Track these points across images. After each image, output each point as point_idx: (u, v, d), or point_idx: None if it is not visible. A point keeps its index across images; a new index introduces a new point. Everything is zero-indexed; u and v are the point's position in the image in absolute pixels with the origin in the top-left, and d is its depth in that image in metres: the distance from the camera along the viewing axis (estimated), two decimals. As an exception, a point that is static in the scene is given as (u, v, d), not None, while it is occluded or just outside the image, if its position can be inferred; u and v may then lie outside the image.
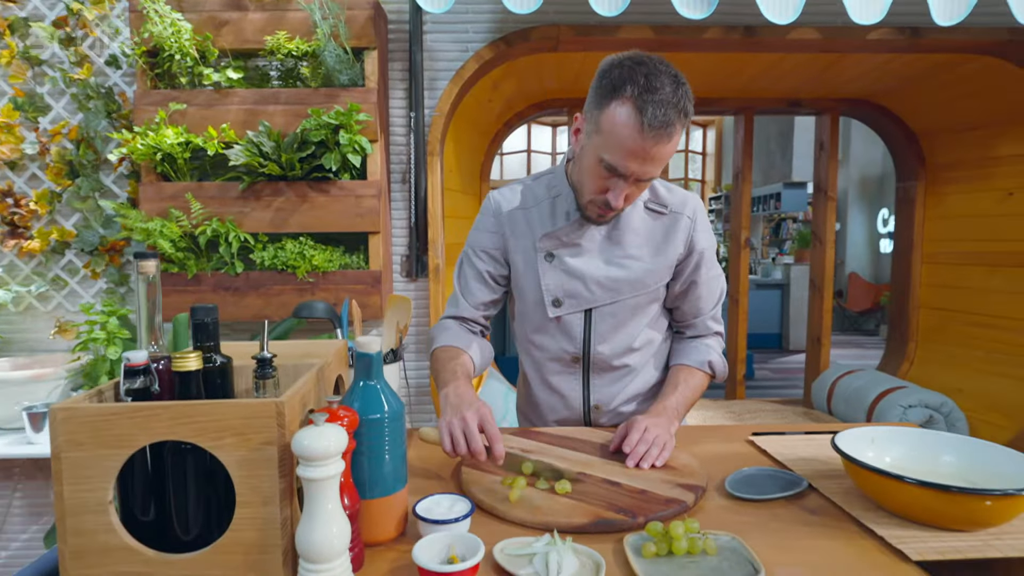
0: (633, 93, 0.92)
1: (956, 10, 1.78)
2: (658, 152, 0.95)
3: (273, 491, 0.63)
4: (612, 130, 0.95)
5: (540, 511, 0.81)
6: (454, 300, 1.21)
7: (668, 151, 0.96)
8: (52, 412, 0.61)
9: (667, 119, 0.92)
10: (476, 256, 1.20)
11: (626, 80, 0.93)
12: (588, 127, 1.02)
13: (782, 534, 0.78)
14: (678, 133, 0.95)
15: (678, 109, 0.93)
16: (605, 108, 0.96)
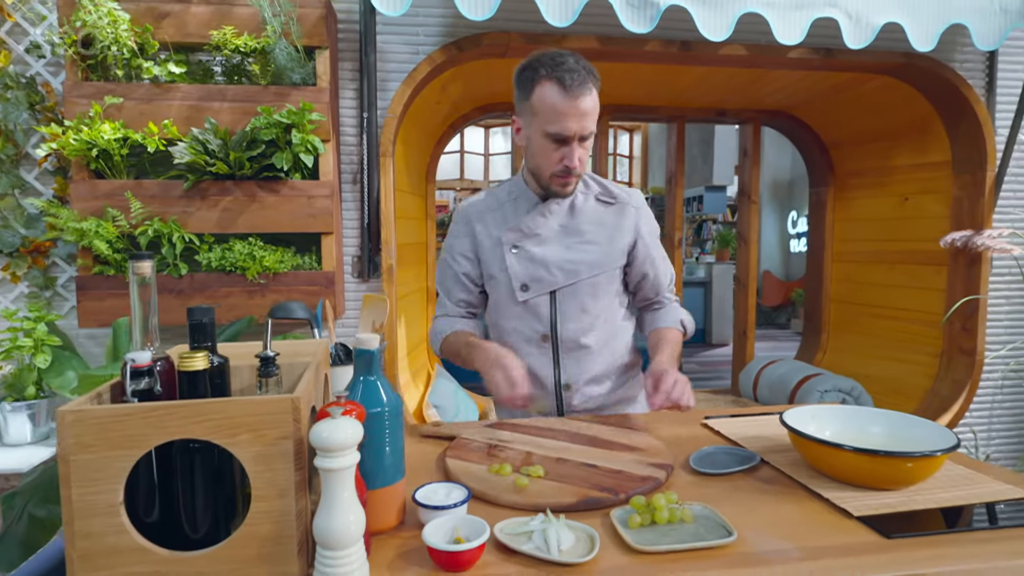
0: (547, 72, 1.15)
1: (863, 35, 1.99)
2: (585, 107, 1.14)
3: (289, 484, 0.65)
4: (544, 105, 1.15)
5: (529, 494, 0.86)
6: (440, 302, 1.37)
7: (592, 105, 1.16)
8: (61, 415, 0.60)
9: (581, 78, 1.14)
10: (454, 260, 1.33)
11: (537, 66, 1.17)
12: (525, 119, 1.22)
13: (744, 502, 0.87)
14: (594, 89, 1.16)
15: (586, 70, 1.16)
16: (532, 94, 1.17)
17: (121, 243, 1.84)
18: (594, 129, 1.18)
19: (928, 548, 0.74)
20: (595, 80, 1.16)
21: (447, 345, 1.32)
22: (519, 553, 0.73)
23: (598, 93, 1.19)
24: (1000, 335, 2.53)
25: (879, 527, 0.79)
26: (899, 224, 2.81)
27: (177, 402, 0.63)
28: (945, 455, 0.86)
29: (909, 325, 2.77)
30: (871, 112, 2.78)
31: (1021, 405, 2.59)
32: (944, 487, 0.90)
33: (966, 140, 2.45)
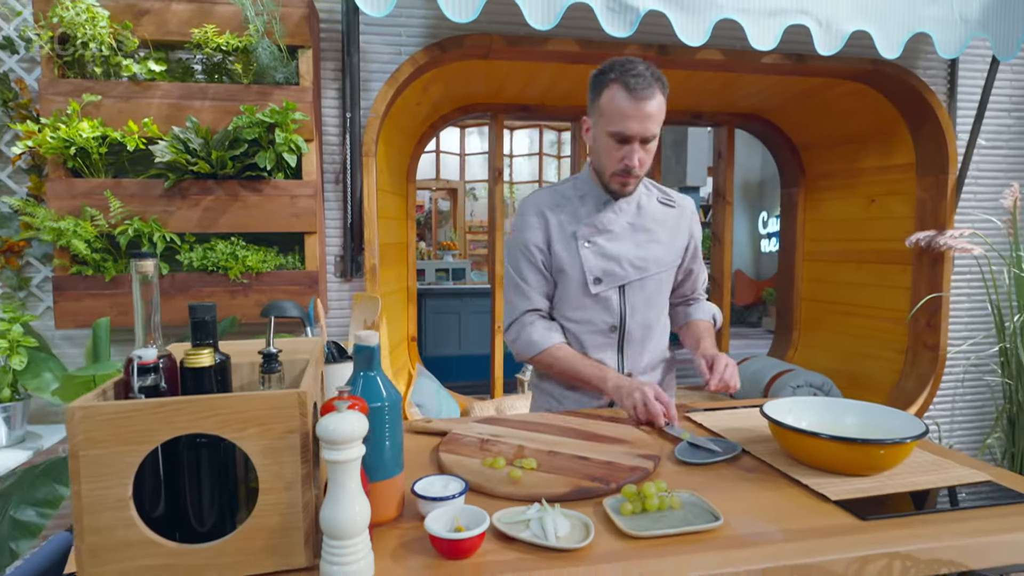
0: (616, 75, 1.22)
1: (834, 42, 2.06)
2: (649, 110, 1.21)
3: (295, 476, 0.67)
4: (610, 106, 1.22)
5: (524, 485, 0.89)
6: (522, 295, 1.40)
7: (656, 109, 1.22)
8: (70, 411, 0.61)
9: (647, 83, 1.20)
10: (530, 252, 1.38)
11: (608, 70, 1.24)
12: (592, 119, 1.30)
13: (728, 490, 0.92)
14: (660, 94, 1.23)
15: (654, 76, 1.23)
16: (600, 96, 1.25)
17: (99, 243, 1.81)
18: (656, 132, 1.25)
19: (900, 528, 0.79)
20: (663, 86, 1.24)
21: (555, 358, 1.35)
22: (517, 540, 0.76)
23: (665, 99, 1.25)
24: (961, 331, 2.65)
25: (855, 510, 0.83)
26: (866, 224, 2.91)
27: (187, 397, 0.64)
28: (914, 442, 0.91)
29: (876, 322, 2.87)
30: (840, 116, 2.88)
31: (980, 397, 2.71)
32: (914, 472, 0.96)
33: (929, 144, 2.56)
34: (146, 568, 0.64)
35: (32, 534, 1.28)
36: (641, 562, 0.71)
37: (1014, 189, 2.38)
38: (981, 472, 0.96)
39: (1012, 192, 2.39)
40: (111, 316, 1.83)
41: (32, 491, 1.37)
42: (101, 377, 1.41)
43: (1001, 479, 0.94)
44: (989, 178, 2.63)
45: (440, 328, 5.30)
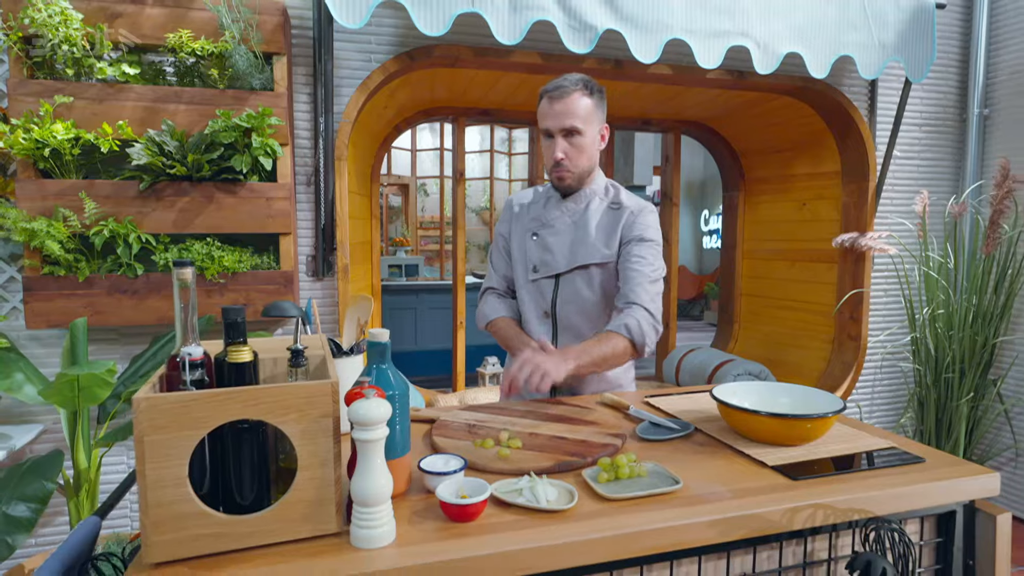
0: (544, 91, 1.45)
1: (770, 63, 2.28)
2: (562, 107, 1.40)
3: (329, 455, 0.78)
4: (539, 113, 1.46)
5: (512, 461, 1.02)
6: (488, 275, 1.67)
7: (573, 105, 1.40)
8: (136, 401, 0.70)
9: (564, 87, 1.41)
10: (498, 240, 1.66)
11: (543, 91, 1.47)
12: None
13: (684, 460, 1.08)
14: (579, 94, 1.40)
15: (571, 81, 1.41)
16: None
17: (72, 243, 1.82)
18: (575, 125, 1.41)
19: (823, 486, 0.97)
20: (578, 86, 1.41)
21: (496, 328, 1.59)
22: (514, 505, 0.89)
23: (593, 100, 1.43)
24: (879, 322, 2.95)
25: (788, 473, 1.01)
26: (798, 226, 3.19)
27: (237, 388, 0.74)
28: (834, 416, 1.10)
29: (807, 315, 3.15)
30: (775, 126, 3.14)
31: (895, 382, 3.03)
32: (835, 441, 1.15)
33: (852, 154, 2.84)
34: (201, 536, 0.74)
35: (25, 529, 1.32)
36: (616, 518, 0.86)
37: (924, 196, 2.68)
38: (886, 440, 1.16)
39: (922, 199, 2.69)
40: (85, 316, 1.85)
41: (21, 488, 1.40)
42: (87, 377, 1.45)
43: (902, 445, 1.15)
44: (903, 185, 2.94)
45: (397, 324, 5.36)
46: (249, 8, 1.86)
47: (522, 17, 2.01)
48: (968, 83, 2.94)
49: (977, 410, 2.71)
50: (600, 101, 1.47)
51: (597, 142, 1.49)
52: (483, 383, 3.56)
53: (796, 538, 0.95)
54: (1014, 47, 2.81)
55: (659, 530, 0.84)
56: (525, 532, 0.83)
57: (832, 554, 0.98)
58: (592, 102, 1.43)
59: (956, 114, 2.99)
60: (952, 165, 3.02)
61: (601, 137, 1.50)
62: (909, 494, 0.98)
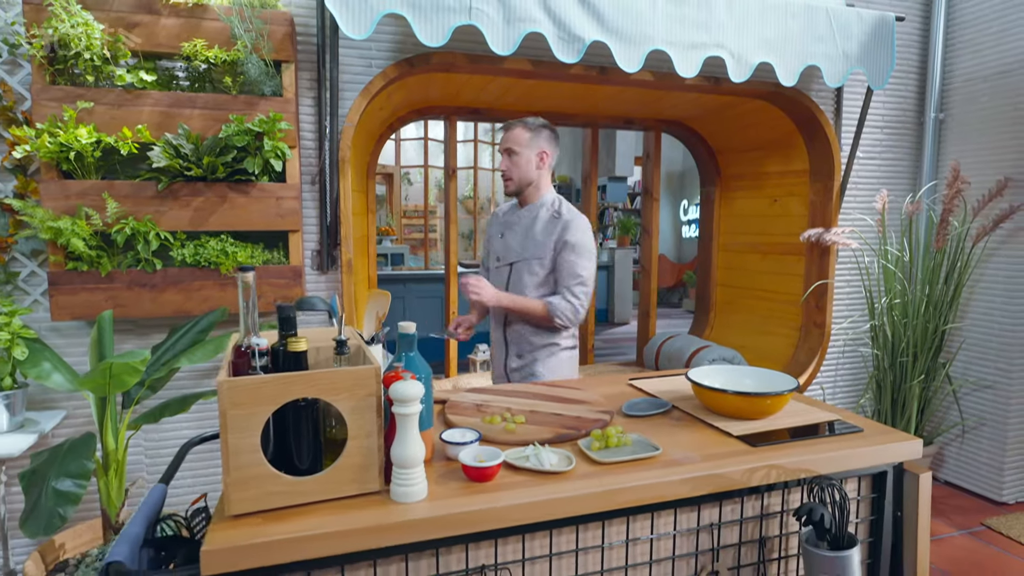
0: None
1: (744, 71, 2.46)
2: (505, 136, 1.94)
3: (373, 427, 0.95)
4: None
5: (518, 434, 1.20)
6: (481, 263, 2.17)
7: (511, 136, 1.93)
8: (220, 384, 0.86)
9: (509, 126, 1.96)
10: (487, 235, 2.15)
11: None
12: None
13: (664, 433, 1.26)
14: (515, 128, 1.93)
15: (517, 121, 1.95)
16: None
17: (94, 240, 1.94)
18: (512, 147, 1.92)
19: (777, 451, 1.17)
20: (521, 125, 1.93)
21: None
22: (522, 469, 1.07)
23: (528, 131, 1.92)
24: (842, 311, 3.19)
25: (749, 442, 1.20)
26: (770, 220, 3.40)
27: (299, 372, 0.90)
28: (790, 394, 1.29)
29: (776, 305, 3.38)
30: (749, 127, 3.33)
31: (856, 366, 3.28)
32: (790, 416, 1.35)
33: (819, 154, 3.05)
34: (272, 493, 0.90)
35: (73, 502, 1.46)
36: (606, 478, 1.04)
37: (883, 195, 2.91)
38: (832, 413, 1.37)
39: (882, 197, 2.91)
40: (107, 309, 1.97)
41: (65, 466, 1.54)
42: (120, 365, 1.59)
43: (846, 418, 1.35)
44: (865, 184, 3.16)
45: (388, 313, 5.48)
46: (260, 19, 1.98)
47: (515, 29, 2.15)
48: (925, 89, 3.16)
49: (928, 391, 2.96)
50: (537, 135, 1.93)
51: (533, 163, 1.93)
52: (474, 369, 3.73)
53: (755, 494, 1.15)
54: (967, 57, 3.04)
55: (642, 487, 1.03)
56: (533, 489, 1.00)
57: (784, 507, 1.18)
58: (529, 134, 1.92)
59: (914, 118, 3.22)
60: (910, 165, 3.25)
61: (540, 160, 1.94)
62: (847, 457, 1.18)
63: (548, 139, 1.96)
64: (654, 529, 1.08)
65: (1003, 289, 2.91)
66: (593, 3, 2.24)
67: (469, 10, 2.10)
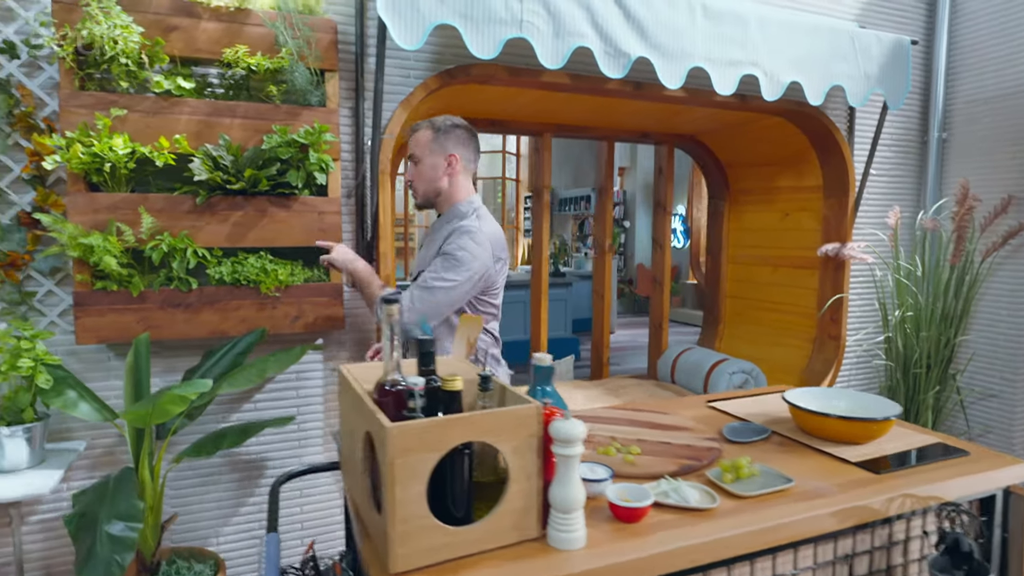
0: None
1: (776, 90, 2.49)
2: (409, 141, 1.80)
3: (534, 469, 0.89)
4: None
5: (641, 466, 1.15)
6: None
7: (411, 140, 1.78)
8: (388, 429, 0.78)
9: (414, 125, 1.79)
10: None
11: None
12: None
13: (776, 460, 1.24)
14: (418, 132, 1.76)
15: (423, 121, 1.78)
16: None
17: (124, 258, 1.81)
18: (414, 153, 1.77)
19: (902, 478, 1.15)
20: (424, 127, 1.76)
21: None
22: (666, 506, 1.02)
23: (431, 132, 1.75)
24: (853, 323, 3.25)
25: (869, 468, 1.19)
26: (781, 234, 3.45)
27: (467, 414, 0.83)
28: (896, 419, 1.29)
29: (788, 316, 3.43)
30: (761, 143, 3.39)
31: (868, 376, 3.35)
32: (893, 439, 1.34)
33: (834, 171, 3.11)
34: (436, 547, 0.83)
35: (130, 548, 1.33)
36: (753, 514, 1.01)
37: (896, 211, 2.99)
38: (933, 436, 1.37)
39: (894, 213, 2.99)
40: (137, 331, 1.84)
41: (114, 507, 1.41)
42: (171, 396, 1.47)
43: (946, 440, 1.35)
44: (874, 200, 3.24)
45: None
46: (309, 26, 1.89)
47: (564, 43, 2.12)
48: (929, 110, 3.28)
49: (939, 400, 3.05)
50: (444, 136, 1.74)
51: (440, 168, 1.75)
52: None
53: (886, 523, 1.13)
54: (968, 80, 3.16)
55: (793, 523, 1.00)
56: (684, 530, 0.96)
57: (908, 534, 1.16)
58: (433, 135, 1.74)
59: (918, 137, 3.32)
60: (914, 182, 3.36)
61: (448, 165, 1.75)
62: (968, 482, 1.17)
63: (460, 140, 1.76)
64: (796, 564, 1.05)
65: (1008, 301, 3.03)
66: (638, 19, 2.23)
67: (520, 23, 2.06)
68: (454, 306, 1.68)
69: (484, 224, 1.72)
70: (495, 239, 1.74)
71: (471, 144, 1.80)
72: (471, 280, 1.66)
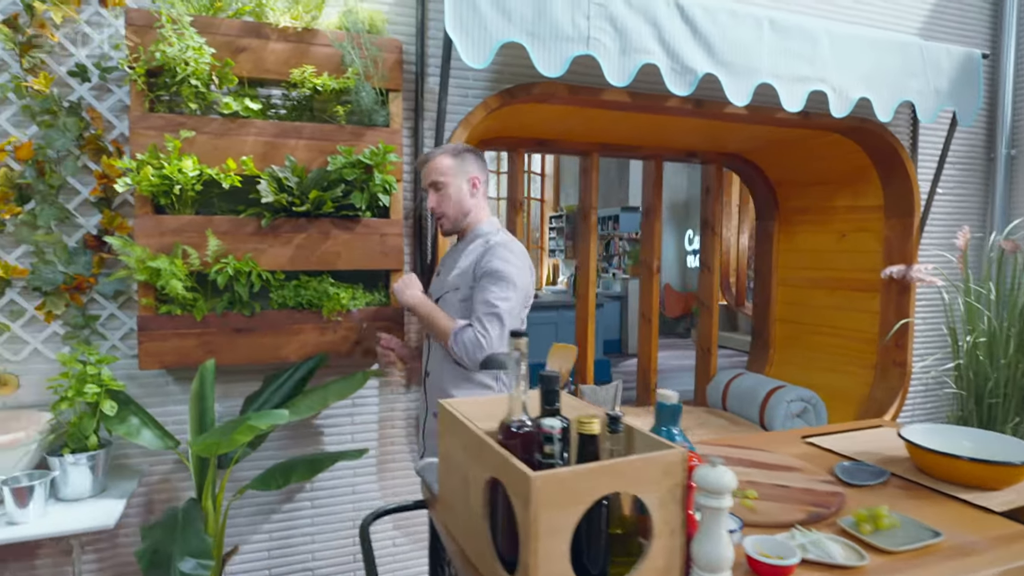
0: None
1: (845, 106, 2.41)
2: (423, 169, 1.74)
3: (678, 523, 0.80)
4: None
5: (762, 513, 1.05)
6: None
7: (429, 168, 1.72)
8: (532, 481, 0.70)
9: (424, 154, 1.76)
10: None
11: None
12: None
13: (906, 506, 1.13)
14: (435, 159, 1.71)
15: (435, 149, 1.74)
16: None
17: (189, 281, 1.77)
18: (438, 180, 1.70)
19: (1055, 530, 1.04)
20: (438, 153, 1.72)
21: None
22: (808, 561, 0.92)
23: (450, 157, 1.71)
24: (919, 350, 3.11)
25: (1015, 518, 1.07)
26: (837, 256, 3.33)
27: (610, 462, 0.75)
28: (1037, 461, 1.17)
29: (846, 341, 3.29)
30: (815, 160, 3.29)
31: (934, 405, 3.19)
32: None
33: (897, 190, 3.00)
34: (578, 611, 0.74)
35: (203, 587, 1.27)
36: (910, 572, 0.90)
37: (965, 231, 2.86)
38: (1070, 480, 1.25)
39: (964, 234, 2.86)
40: (199, 356, 1.79)
41: (186, 543, 1.34)
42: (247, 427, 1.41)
43: (1086, 485, 1.23)
44: (939, 220, 3.12)
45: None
46: (376, 46, 1.86)
47: (631, 60, 2.07)
48: (995, 125, 3.15)
49: (1017, 432, 2.88)
50: (463, 160, 1.72)
51: (465, 190, 1.71)
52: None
53: (1044, 582, 1.01)
54: (1038, 94, 3.04)
55: (955, 583, 0.89)
56: (835, 589, 0.86)
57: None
58: (453, 160, 1.70)
59: (984, 153, 3.20)
60: (980, 202, 3.22)
61: (472, 186, 1.73)
62: None
63: (476, 162, 1.74)
64: (952, 629, 0.94)
65: (1088, 327, 2.86)
66: (705, 35, 2.17)
67: (587, 40, 2.01)
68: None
69: (512, 239, 1.72)
70: (526, 253, 1.73)
71: (483, 166, 1.78)
72: (521, 293, 1.63)
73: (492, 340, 1.52)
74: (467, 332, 1.56)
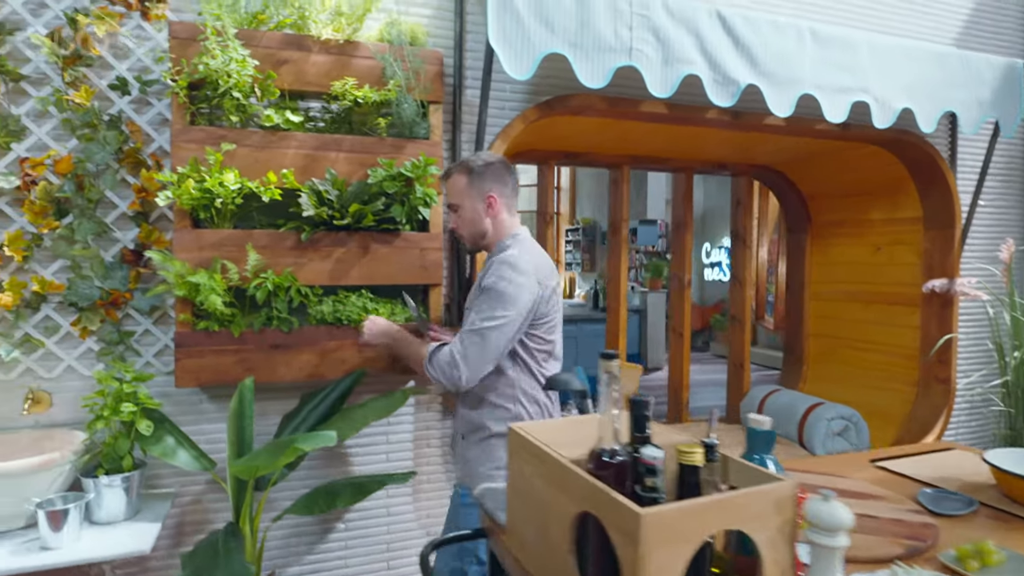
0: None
1: (887, 117, 2.35)
2: (446, 189, 1.67)
3: (787, 563, 0.73)
4: None
5: (861, 548, 0.98)
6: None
7: (447, 186, 1.66)
8: (642, 518, 0.64)
9: (446, 168, 1.73)
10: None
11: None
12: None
13: (1007, 540, 1.05)
14: (451, 177, 1.64)
15: (455, 164, 1.65)
16: None
17: (227, 297, 1.73)
18: (452, 202, 1.65)
19: None
20: (459, 168, 1.63)
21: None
22: (917, 602, 0.85)
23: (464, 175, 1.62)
24: (963, 366, 3.01)
25: None
26: (873, 269, 3.25)
27: (719, 497, 0.69)
28: None
29: (885, 357, 3.20)
30: (850, 171, 3.22)
31: (980, 423, 3.09)
32: None
33: (936, 202, 2.93)
34: (688, 661, 0.68)
35: (249, 618, 1.21)
36: (1028, 615, 0.83)
37: (1010, 244, 2.78)
38: None
39: (1008, 246, 2.78)
40: (236, 373, 1.75)
41: (229, 570, 1.29)
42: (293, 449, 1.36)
43: None
44: (980, 232, 3.04)
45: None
46: (419, 58, 1.83)
47: (673, 71, 2.03)
48: (1036, 136, 3.08)
49: (1069, 453, 2.76)
50: (479, 177, 1.61)
51: (480, 211, 1.62)
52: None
53: None
54: (1081, 103, 2.96)
55: (1081, 627, 0.81)
56: (952, 634, 0.79)
57: None
58: (467, 179, 1.61)
59: (1022, 164, 3.12)
60: (1020, 213, 3.14)
61: (488, 205, 1.62)
62: None
63: (496, 177, 1.62)
64: (1074, 677, 0.86)
65: None
66: (747, 45, 2.13)
67: (630, 51, 1.97)
68: (508, 347, 1.52)
69: (524, 251, 1.58)
70: (539, 266, 1.58)
71: (508, 179, 1.66)
72: (520, 313, 1.50)
73: (469, 358, 1.46)
74: (441, 352, 1.51)
